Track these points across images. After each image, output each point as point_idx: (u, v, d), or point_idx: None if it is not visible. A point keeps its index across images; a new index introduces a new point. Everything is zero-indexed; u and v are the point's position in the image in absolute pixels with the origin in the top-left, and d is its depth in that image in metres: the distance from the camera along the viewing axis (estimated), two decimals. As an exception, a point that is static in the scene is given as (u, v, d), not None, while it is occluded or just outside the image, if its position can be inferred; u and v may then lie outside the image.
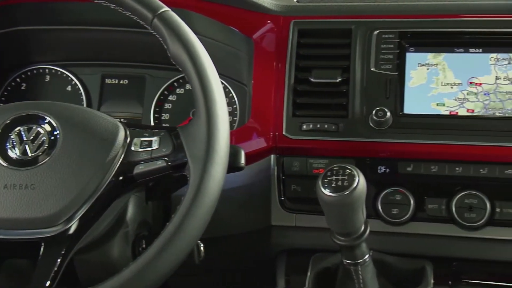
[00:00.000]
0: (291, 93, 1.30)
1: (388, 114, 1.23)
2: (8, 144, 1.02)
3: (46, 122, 1.04)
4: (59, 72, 1.56)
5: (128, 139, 1.04)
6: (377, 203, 1.25)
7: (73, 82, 1.55)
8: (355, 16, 1.33)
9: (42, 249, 0.99)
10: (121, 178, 1.02)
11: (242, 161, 1.06)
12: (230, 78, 1.48)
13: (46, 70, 1.57)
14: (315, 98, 1.30)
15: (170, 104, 1.52)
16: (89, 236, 1.03)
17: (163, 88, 1.53)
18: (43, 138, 1.02)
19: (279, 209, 1.30)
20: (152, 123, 1.51)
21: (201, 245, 1.16)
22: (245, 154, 1.07)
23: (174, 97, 1.53)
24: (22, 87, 1.57)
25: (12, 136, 1.03)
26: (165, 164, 1.01)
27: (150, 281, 0.91)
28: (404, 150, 1.23)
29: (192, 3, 1.38)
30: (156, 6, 1.04)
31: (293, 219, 1.31)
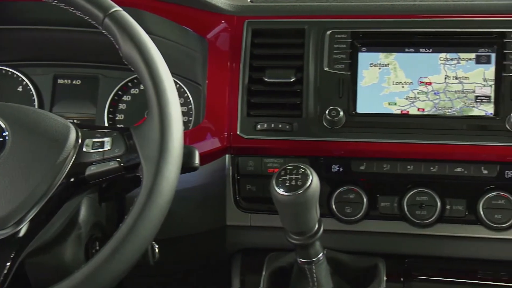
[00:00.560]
0: (245, 93, 1.30)
1: (341, 114, 1.24)
2: None
3: (-5, 124, 1.02)
4: (10, 73, 1.54)
5: (80, 140, 1.03)
6: (331, 202, 1.26)
7: (24, 83, 1.53)
8: (308, 16, 1.34)
9: (-9, 252, 0.97)
10: (73, 180, 1.01)
11: (196, 161, 1.06)
12: (185, 78, 1.48)
13: None
14: (269, 98, 1.30)
15: (125, 105, 1.51)
16: (40, 239, 1.02)
17: (117, 89, 1.51)
18: None
19: (234, 209, 1.31)
20: (106, 124, 1.49)
21: (156, 246, 1.15)
22: (200, 154, 1.07)
23: (129, 98, 1.51)
24: (-28, 89, 1.54)
25: None
26: (118, 165, 1.00)
27: (103, 283, 0.90)
28: (357, 149, 1.25)
29: (145, 3, 1.37)
30: (107, 6, 1.03)
31: (248, 219, 1.31)
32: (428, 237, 1.25)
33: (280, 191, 1.03)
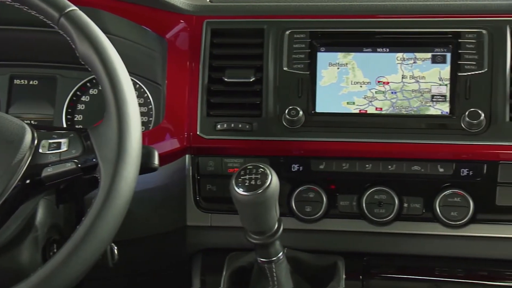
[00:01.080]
0: (205, 93, 1.30)
1: (301, 113, 1.25)
2: None
3: None
4: None
5: (36, 141, 1.01)
6: (291, 201, 1.27)
7: (-21, 84, 1.50)
8: (268, 16, 1.34)
9: None
10: (29, 182, 0.99)
11: (156, 162, 1.05)
12: (145, 78, 1.47)
13: None
14: (229, 98, 1.30)
15: (83, 105, 1.49)
16: (-4, 242, 1.00)
17: (76, 89, 1.49)
18: None
19: (194, 209, 1.31)
20: (65, 125, 1.47)
21: (115, 248, 1.14)
22: (159, 155, 1.06)
23: (87, 98, 1.50)
24: None
25: None
26: (75, 166, 0.99)
27: (59, 286, 0.89)
28: (317, 148, 1.26)
29: (102, 2, 1.36)
30: (63, 5, 1.02)
31: (209, 219, 1.31)
32: (387, 235, 1.27)
33: (240, 191, 1.03)
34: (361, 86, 1.28)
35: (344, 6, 1.34)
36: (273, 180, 1.04)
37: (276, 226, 1.10)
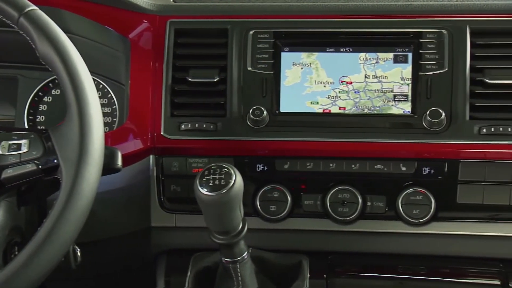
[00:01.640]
0: (169, 93, 1.30)
1: (265, 113, 1.25)
2: None
3: None
4: None
5: None
6: (256, 201, 1.27)
7: None
8: (231, 16, 1.34)
9: None
10: (-12, 184, 0.98)
11: (119, 163, 1.05)
12: (109, 78, 1.46)
13: None
14: (193, 98, 1.30)
15: (45, 106, 1.47)
16: (-46, 245, 0.98)
17: (37, 89, 1.47)
18: None
19: (159, 210, 1.30)
20: (26, 126, 1.45)
21: (78, 249, 1.13)
22: (122, 156, 1.06)
23: (50, 99, 1.48)
24: None
25: None
26: (36, 168, 0.98)
27: (21, 289, 0.88)
28: (281, 148, 1.26)
29: (64, 2, 1.34)
30: (22, 5, 1.01)
31: (173, 220, 1.31)
32: (351, 234, 1.28)
33: (204, 191, 1.03)
34: (325, 86, 1.29)
35: (308, 6, 1.35)
36: (237, 180, 1.04)
37: (241, 226, 1.10)
